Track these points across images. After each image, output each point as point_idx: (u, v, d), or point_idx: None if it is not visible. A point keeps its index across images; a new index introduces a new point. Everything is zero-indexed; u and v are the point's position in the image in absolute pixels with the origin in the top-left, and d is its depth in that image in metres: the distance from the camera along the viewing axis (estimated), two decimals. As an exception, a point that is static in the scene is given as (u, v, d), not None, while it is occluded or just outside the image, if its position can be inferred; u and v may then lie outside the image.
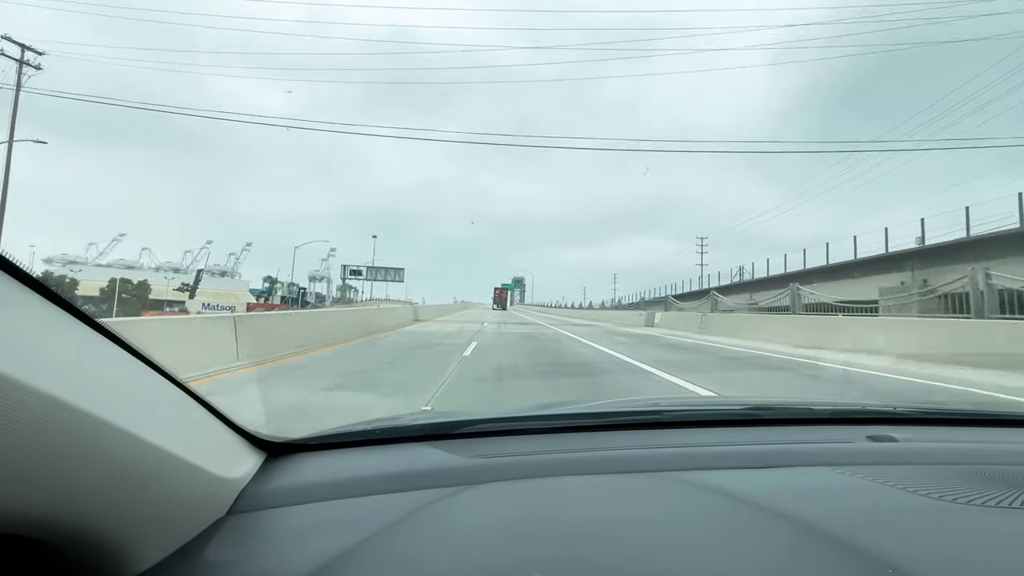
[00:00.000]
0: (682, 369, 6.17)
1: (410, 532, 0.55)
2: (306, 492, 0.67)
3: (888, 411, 1.05)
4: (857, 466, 0.72)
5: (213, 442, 0.65)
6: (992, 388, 5.08)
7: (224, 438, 0.69)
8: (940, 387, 5.26)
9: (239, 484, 0.65)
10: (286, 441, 0.82)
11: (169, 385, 0.58)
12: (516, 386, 5.02)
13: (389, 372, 5.77)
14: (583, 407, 1.16)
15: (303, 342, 7.69)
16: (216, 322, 6.31)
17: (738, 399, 1.22)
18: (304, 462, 0.77)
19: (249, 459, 0.72)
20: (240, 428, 0.73)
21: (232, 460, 0.66)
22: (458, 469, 0.75)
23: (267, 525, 0.60)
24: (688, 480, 0.68)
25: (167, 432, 0.52)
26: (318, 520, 0.60)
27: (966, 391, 5.05)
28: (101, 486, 0.43)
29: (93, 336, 0.47)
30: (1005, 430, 1.02)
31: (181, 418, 0.60)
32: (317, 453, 0.82)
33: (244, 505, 0.62)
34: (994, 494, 0.60)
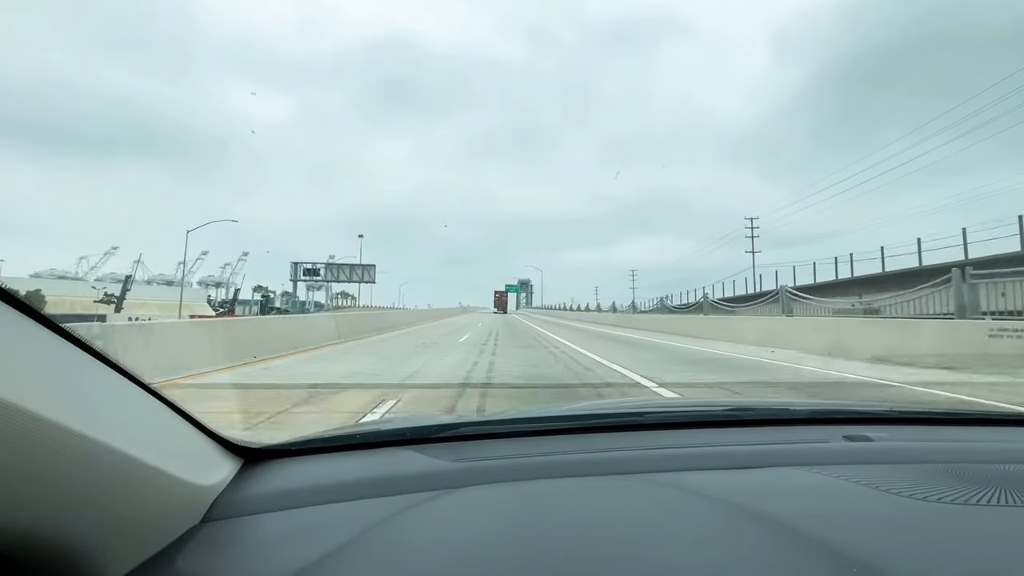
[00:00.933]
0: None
1: (389, 536, 0.56)
2: (284, 498, 0.67)
3: (864, 411, 1.09)
4: (833, 465, 0.74)
5: (186, 449, 0.65)
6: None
7: (198, 445, 0.69)
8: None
9: (214, 491, 0.65)
10: (264, 447, 0.82)
11: (138, 391, 0.58)
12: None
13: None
14: (566, 410, 1.19)
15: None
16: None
17: (719, 401, 1.24)
18: (282, 468, 0.78)
19: (225, 466, 0.72)
20: (216, 435, 0.73)
21: (206, 467, 0.66)
22: (440, 473, 0.75)
23: (243, 532, 0.60)
24: (670, 481, 0.69)
25: (135, 438, 0.52)
26: (296, 526, 0.61)
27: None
28: (63, 495, 0.43)
29: (53, 339, 0.47)
30: (977, 429, 1.04)
31: (151, 424, 0.59)
32: (296, 459, 0.82)
33: (219, 513, 0.62)
34: (965, 492, 0.62)
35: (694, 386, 5.45)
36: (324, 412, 4.12)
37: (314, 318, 13.15)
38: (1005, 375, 5.85)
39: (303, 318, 12.73)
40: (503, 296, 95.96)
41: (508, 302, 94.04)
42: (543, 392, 5.22)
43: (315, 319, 12.76)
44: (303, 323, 11.45)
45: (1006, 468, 0.74)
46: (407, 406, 4.39)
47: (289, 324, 10.63)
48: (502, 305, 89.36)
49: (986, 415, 1.19)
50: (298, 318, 12.52)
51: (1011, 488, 0.63)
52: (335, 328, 11.87)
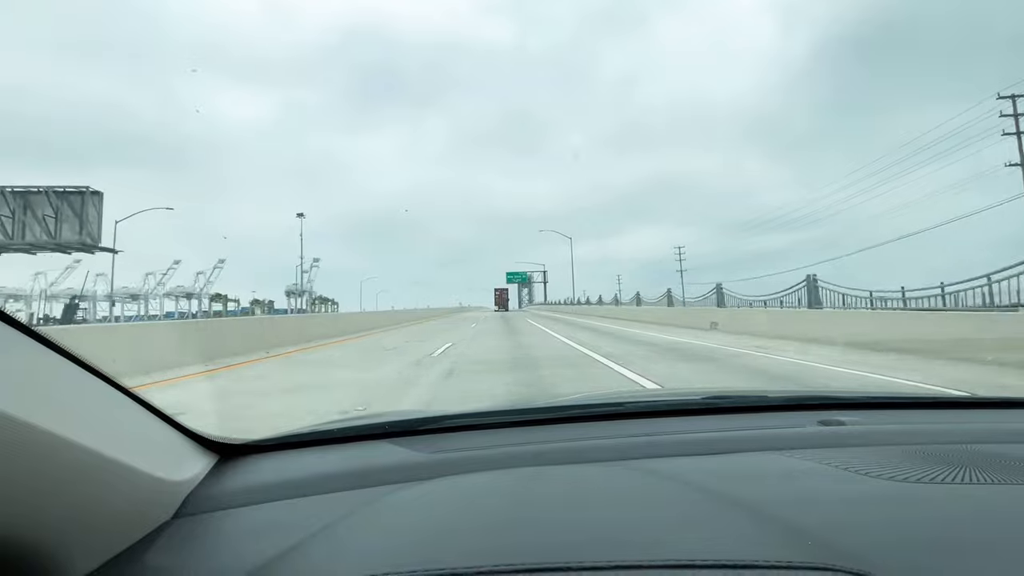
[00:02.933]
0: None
1: (363, 525, 0.58)
2: (259, 493, 0.69)
3: (838, 397, 1.17)
4: (807, 449, 0.78)
5: (157, 445, 0.67)
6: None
7: (170, 441, 0.70)
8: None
9: (186, 487, 0.67)
10: (240, 443, 0.84)
11: (107, 388, 0.59)
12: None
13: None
14: (547, 402, 1.26)
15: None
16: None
17: (697, 389, 1.32)
18: (258, 463, 0.80)
19: (198, 462, 0.74)
20: (189, 431, 0.75)
21: (179, 463, 0.68)
22: (418, 464, 0.78)
23: (214, 527, 0.61)
24: (648, 468, 0.73)
25: (103, 434, 0.53)
26: (268, 520, 0.63)
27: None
28: (25, 492, 0.44)
29: (11, 334, 0.47)
30: (941, 412, 1.12)
31: (120, 421, 0.61)
32: (273, 454, 0.85)
33: (192, 508, 0.64)
34: (931, 471, 0.66)
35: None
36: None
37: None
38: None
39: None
40: (504, 294, 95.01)
41: (510, 299, 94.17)
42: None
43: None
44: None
45: (967, 448, 0.80)
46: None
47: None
48: (503, 303, 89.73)
49: (949, 399, 1.37)
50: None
51: (973, 467, 0.68)
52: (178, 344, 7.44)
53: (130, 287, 60.68)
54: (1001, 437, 0.87)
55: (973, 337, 6.68)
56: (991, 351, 6.10)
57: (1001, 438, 0.86)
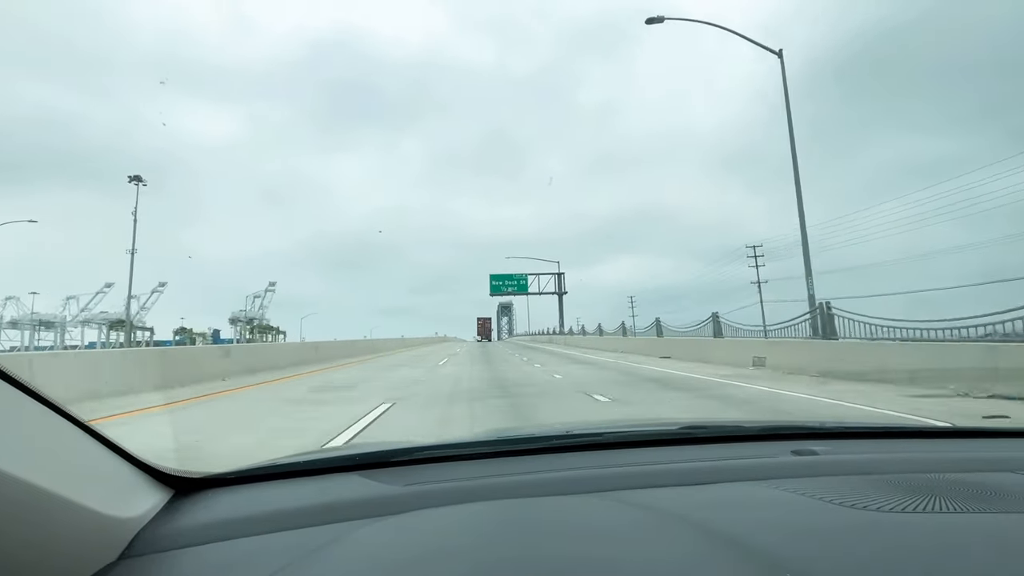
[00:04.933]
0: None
1: (330, 562, 0.57)
2: (217, 530, 0.67)
3: (812, 427, 1.19)
4: (781, 479, 0.81)
5: (106, 478, 0.64)
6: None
7: (121, 474, 0.68)
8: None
9: (135, 524, 0.64)
10: (199, 477, 0.82)
11: (46, 412, 0.56)
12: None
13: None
14: (523, 432, 1.25)
15: None
16: None
17: (674, 419, 1.32)
18: (216, 498, 0.78)
19: (151, 497, 0.71)
20: (142, 463, 0.72)
21: (128, 498, 0.66)
22: (389, 498, 0.77)
23: (166, 568, 0.59)
24: (626, 499, 0.74)
25: (37, 464, 0.50)
26: (227, 558, 0.60)
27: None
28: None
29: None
30: (912, 441, 1.17)
31: (60, 450, 0.58)
32: (232, 488, 0.83)
33: (141, 548, 0.61)
34: (902, 501, 0.69)
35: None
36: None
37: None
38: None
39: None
40: (487, 323, 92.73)
41: (491, 330, 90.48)
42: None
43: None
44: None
45: (939, 477, 0.84)
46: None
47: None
48: (486, 333, 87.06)
49: (920, 429, 1.35)
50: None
51: (943, 496, 0.71)
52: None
53: (42, 313, 55.02)
54: (973, 466, 0.90)
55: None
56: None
57: (973, 467, 0.90)
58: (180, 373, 9.12)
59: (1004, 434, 1.20)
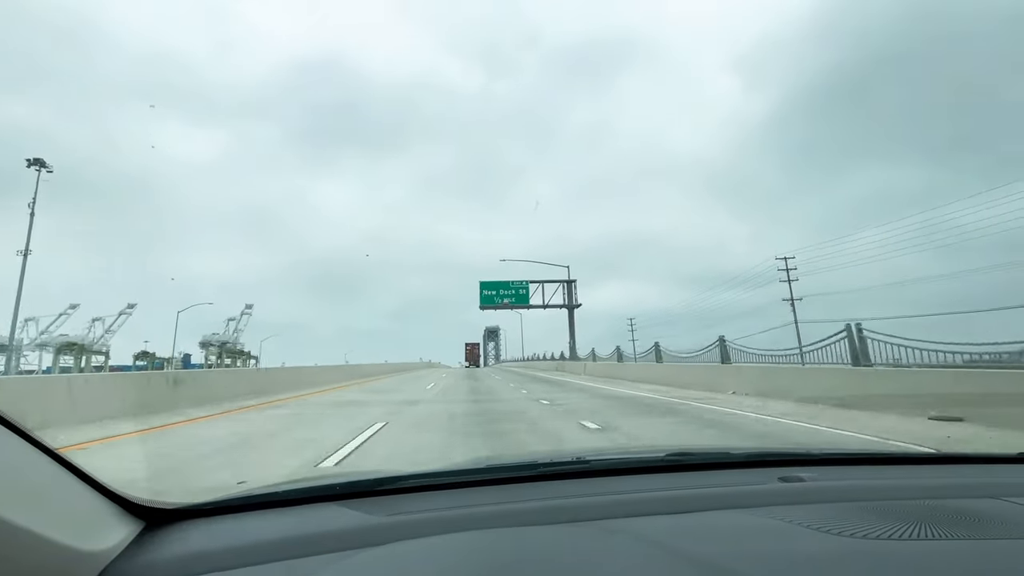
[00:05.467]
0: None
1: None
2: (190, 564, 0.65)
3: (798, 453, 1.21)
4: (768, 507, 0.82)
5: (71, 507, 0.62)
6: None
7: (89, 504, 0.66)
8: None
9: (104, 558, 0.62)
10: (172, 507, 0.80)
11: (7, 434, 0.55)
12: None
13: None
14: (510, 460, 1.23)
15: None
16: None
17: (661, 446, 1.32)
18: (191, 530, 0.76)
19: (121, 528, 0.69)
20: (112, 492, 0.70)
21: (97, 529, 0.64)
22: (372, 528, 0.75)
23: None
24: (613, 528, 0.74)
25: (1, 494, 0.49)
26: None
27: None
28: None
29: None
30: (897, 468, 1.19)
31: (24, 478, 0.56)
32: (208, 519, 0.81)
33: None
34: (889, 528, 0.71)
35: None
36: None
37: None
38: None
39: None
40: (475, 348, 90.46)
41: (479, 356, 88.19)
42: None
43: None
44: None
45: (925, 504, 0.85)
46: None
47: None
48: (475, 359, 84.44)
49: (905, 455, 1.41)
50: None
51: (929, 523, 0.73)
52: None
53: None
54: (958, 492, 0.93)
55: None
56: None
57: (958, 493, 0.92)
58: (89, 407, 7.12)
59: (986, 460, 1.22)
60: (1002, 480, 1.01)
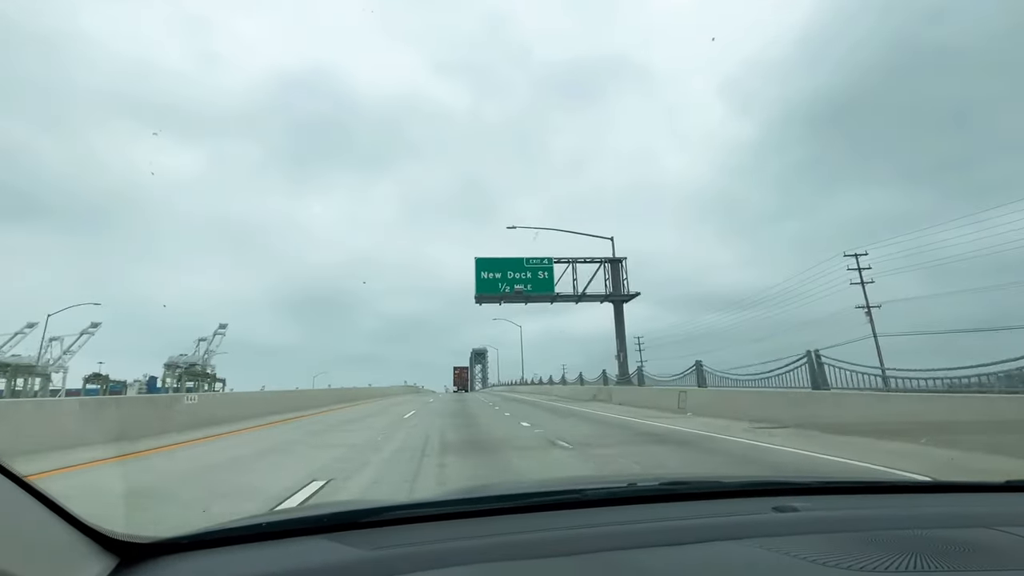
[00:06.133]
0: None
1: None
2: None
3: (792, 482, 1.22)
4: (763, 538, 0.83)
5: (43, 542, 0.60)
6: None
7: (61, 538, 0.64)
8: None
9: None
10: (149, 542, 0.78)
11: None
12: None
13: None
14: (502, 490, 1.23)
15: None
16: None
17: (655, 475, 1.37)
18: (168, 566, 0.74)
19: (95, 564, 0.67)
20: (89, 527, 0.69)
21: (70, 565, 0.62)
22: (359, 562, 0.75)
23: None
24: (607, 561, 0.74)
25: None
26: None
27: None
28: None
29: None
30: (890, 497, 1.21)
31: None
32: (188, 555, 0.79)
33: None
34: (883, 559, 0.72)
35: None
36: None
37: None
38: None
39: None
40: (464, 372, 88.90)
41: (468, 380, 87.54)
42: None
43: None
44: None
45: (919, 534, 0.86)
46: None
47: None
48: (463, 383, 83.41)
49: (897, 484, 1.47)
50: None
51: (922, 554, 0.74)
52: None
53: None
54: (952, 522, 0.95)
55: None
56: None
57: (952, 523, 0.94)
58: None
59: (979, 488, 1.24)
60: (993, 509, 1.04)
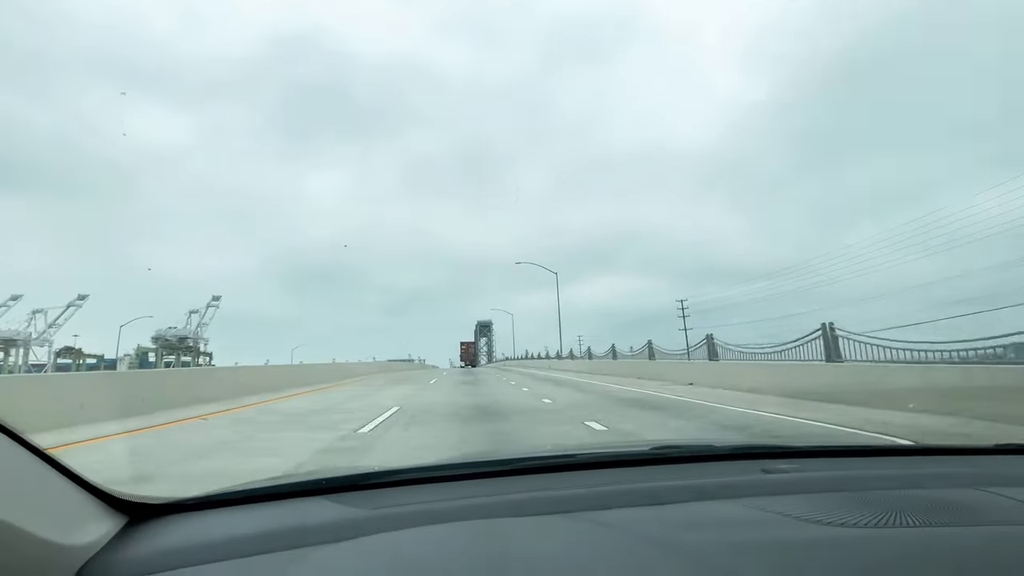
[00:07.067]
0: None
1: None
2: (174, 557, 0.68)
3: (781, 446, 1.29)
4: (750, 497, 0.88)
5: (53, 503, 0.65)
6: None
7: (70, 498, 0.68)
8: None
9: (85, 552, 0.64)
10: (156, 503, 0.83)
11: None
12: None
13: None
14: (494, 454, 1.33)
15: None
16: None
17: (646, 440, 1.41)
18: (175, 524, 0.79)
19: (103, 523, 0.72)
20: (95, 487, 0.73)
21: (78, 524, 0.66)
22: (356, 521, 0.78)
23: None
24: (596, 520, 0.78)
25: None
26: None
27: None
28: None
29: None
30: (880, 459, 1.27)
31: (4, 473, 0.58)
32: (192, 514, 0.84)
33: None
34: (867, 517, 0.76)
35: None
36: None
37: None
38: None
39: None
40: (471, 347, 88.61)
41: (475, 355, 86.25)
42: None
43: None
44: None
45: (902, 494, 0.91)
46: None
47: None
48: (470, 358, 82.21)
49: (886, 447, 1.54)
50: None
51: (908, 512, 0.78)
52: None
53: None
54: (938, 483, 0.99)
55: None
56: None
57: (937, 483, 0.99)
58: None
59: (965, 451, 1.30)
60: (980, 471, 1.08)
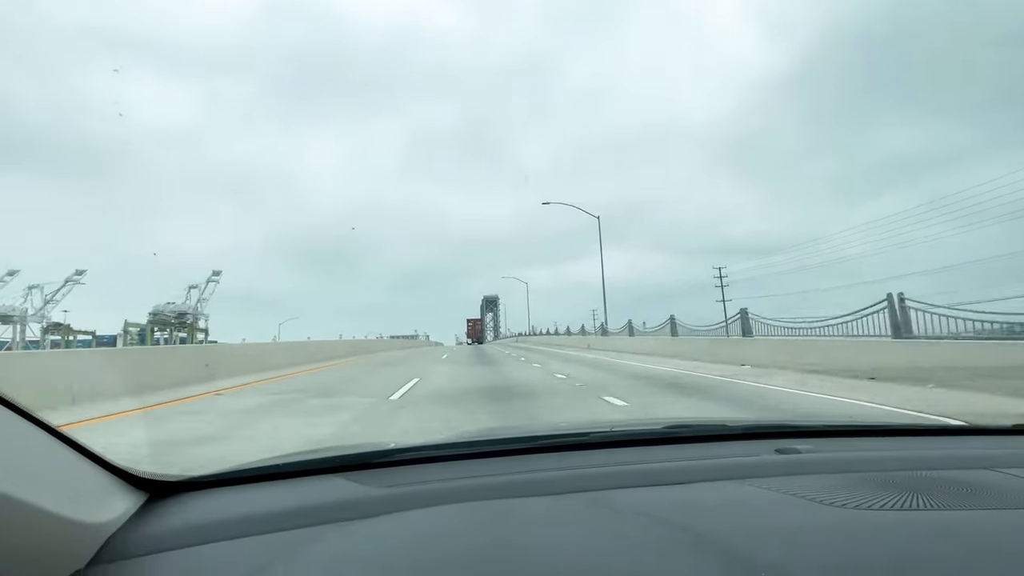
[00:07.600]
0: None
1: (306, 564, 0.60)
2: (192, 534, 0.69)
3: (795, 425, 1.28)
4: (764, 478, 0.87)
5: (73, 481, 0.66)
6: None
7: (91, 478, 0.70)
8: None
9: (106, 530, 0.66)
10: (174, 480, 0.85)
11: (12, 417, 0.58)
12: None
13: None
14: (508, 432, 1.31)
15: None
16: None
17: (659, 419, 1.42)
18: (192, 502, 0.81)
19: (123, 501, 0.73)
20: (114, 466, 0.74)
21: (99, 502, 0.67)
22: (371, 499, 0.80)
23: (136, 573, 0.61)
24: (608, 499, 0.79)
25: (1, 469, 0.52)
26: (202, 562, 0.63)
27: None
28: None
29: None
30: (891, 439, 1.26)
31: (26, 454, 0.59)
32: (209, 491, 0.86)
33: (111, 554, 0.63)
34: (882, 498, 0.75)
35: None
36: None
37: None
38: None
39: None
40: (477, 324, 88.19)
41: (482, 331, 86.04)
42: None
43: None
44: None
45: (917, 475, 0.91)
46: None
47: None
48: (477, 335, 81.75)
49: (901, 427, 1.48)
50: None
51: (921, 493, 0.78)
52: None
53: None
54: (952, 463, 0.99)
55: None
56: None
57: (951, 464, 0.98)
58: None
59: (982, 431, 1.30)
60: (998, 452, 1.07)
